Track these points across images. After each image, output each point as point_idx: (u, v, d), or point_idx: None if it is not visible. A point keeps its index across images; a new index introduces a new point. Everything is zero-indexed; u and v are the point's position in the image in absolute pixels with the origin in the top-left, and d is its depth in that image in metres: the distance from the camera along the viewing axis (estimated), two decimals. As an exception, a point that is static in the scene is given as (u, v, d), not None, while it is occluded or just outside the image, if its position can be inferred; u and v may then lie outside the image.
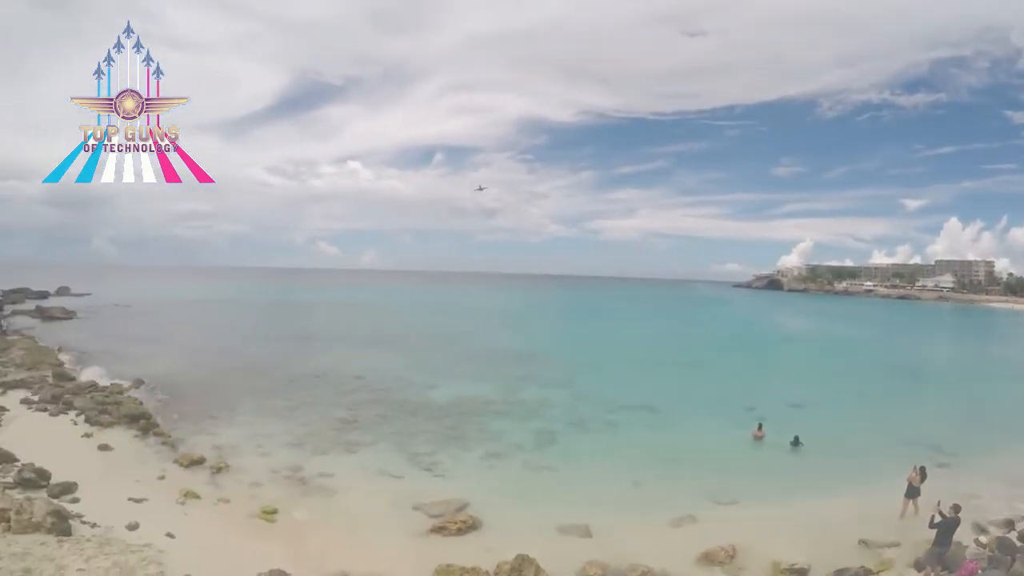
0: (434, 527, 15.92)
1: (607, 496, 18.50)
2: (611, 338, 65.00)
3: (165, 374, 34.88)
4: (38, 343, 44.28)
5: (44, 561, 12.05)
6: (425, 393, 32.77)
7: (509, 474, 20.80)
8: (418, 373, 38.32)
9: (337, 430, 25.31)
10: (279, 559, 13.35)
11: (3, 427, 22.67)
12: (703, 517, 17.08)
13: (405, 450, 22.76)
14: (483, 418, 27.80)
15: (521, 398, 32.37)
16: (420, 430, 25.55)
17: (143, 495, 17.03)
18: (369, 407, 29.27)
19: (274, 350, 48.10)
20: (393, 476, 20.07)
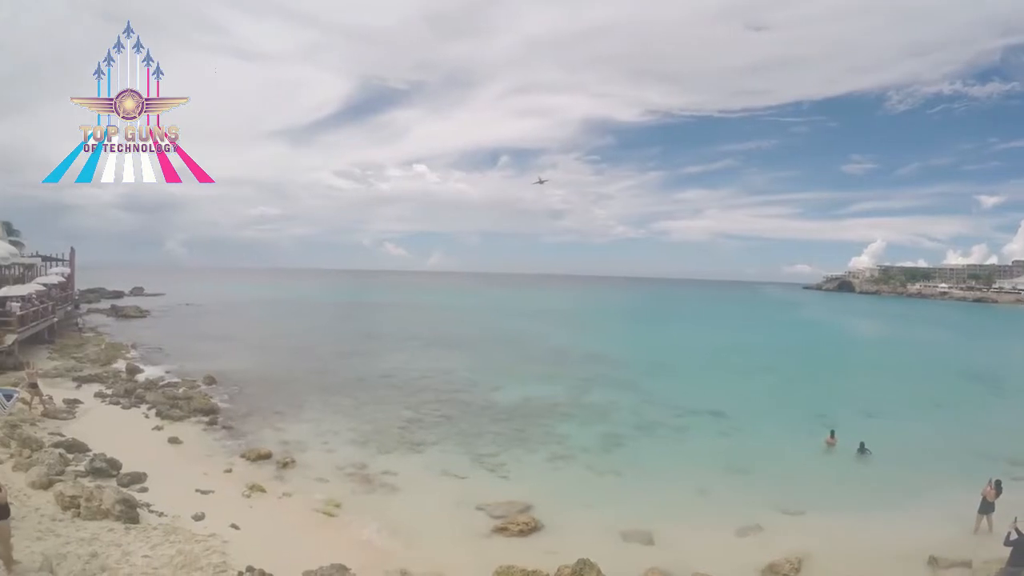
0: (496, 528, 15.90)
1: (671, 502, 18.16)
2: (678, 341, 63.92)
3: (235, 371, 35.91)
4: (113, 340, 46.37)
5: (111, 547, 12.51)
6: (490, 394, 32.85)
7: (573, 477, 20.62)
8: (484, 374, 38.47)
9: (402, 429, 25.54)
10: (341, 554, 13.48)
11: (77, 419, 23.78)
12: (769, 527, 16.59)
13: (469, 451, 22.81)
14: (548, 420, 27.64)
15: (587, 401, 32.12)
16: (485, 431, 25.59)
17: (210, 487, 17.57)
18: (434, 407, 29.47)
19: (341, 349, 48.93)
20: (457, 476, 20.13)
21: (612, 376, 39.31)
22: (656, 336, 69.68)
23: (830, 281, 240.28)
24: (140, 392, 28.56)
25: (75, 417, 23.99)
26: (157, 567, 11.91)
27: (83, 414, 24.56)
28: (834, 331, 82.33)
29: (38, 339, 38.49)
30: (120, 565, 11.76)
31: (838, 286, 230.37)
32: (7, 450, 17.92)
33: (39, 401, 23.47)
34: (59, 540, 12.51)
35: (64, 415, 23.80)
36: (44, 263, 59.29)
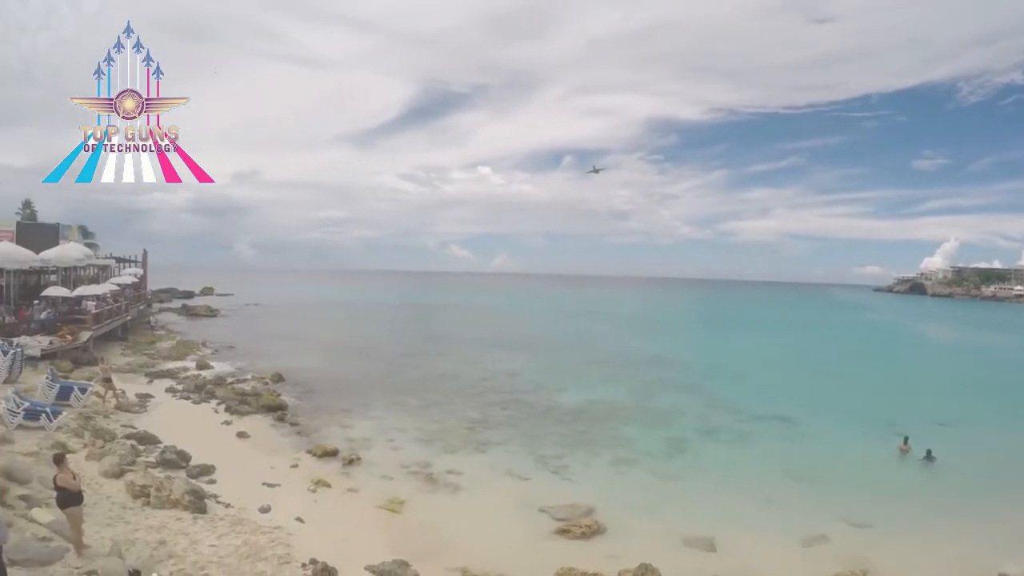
0: (559, 529, 15.87)
1: (735, 509, 17.82)
2: (745, 344, 62.58)
3: (302, 369, 36.77)
4: (184, 338, 48.01)
5: (178, 535, 12.90)
6: (555, 396, 32.83)
7: (636, 481, 20.44)
8: (548, 376, 38.50)
9: (467, 429, 25.75)
10: (403, 550, 13.68)
11: (149, 412, 24.65)
12: (835, 538, 16.10)
13: (534, 452, 22.83)
14: (613, 423, 27.47)
15: (652, 404, 31.84)
16: (549, 433, 25.59)
17: (276, 481, 18.03)
18: (499, 408, 29.61)
19: (407, 350, 49.71)
20: (520, 477, 20.18)
21: (677, 379, 38.97)
22: (722, 339, 68.51)
23: (901, 283, 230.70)
24: (210, 388, 29.57)
25: (147, 411, 24.90)
26: (223, 556, 12.24)
27: (154, 408, 25.50)
28: (905, 336, 79.39)
29: (112, 336, 40.15)
30: (187, 553, 12.12)
31: (909, 288, 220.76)
32: (81, 440, 18.72)
33: (112, 395, 24.43)
34: (128, 527, 12.97)
35: (136, 408, 24.74)
36: (118, 264, 62.03)
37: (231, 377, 33.15)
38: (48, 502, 12.32)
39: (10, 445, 16.54)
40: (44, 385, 22.45)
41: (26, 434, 18.00)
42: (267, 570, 12.01)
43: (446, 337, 61.07)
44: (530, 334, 65.92)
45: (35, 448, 16.62)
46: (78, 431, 19.47)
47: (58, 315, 35.10)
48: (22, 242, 41.83)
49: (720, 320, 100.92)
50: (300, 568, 12.27)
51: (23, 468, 14.10)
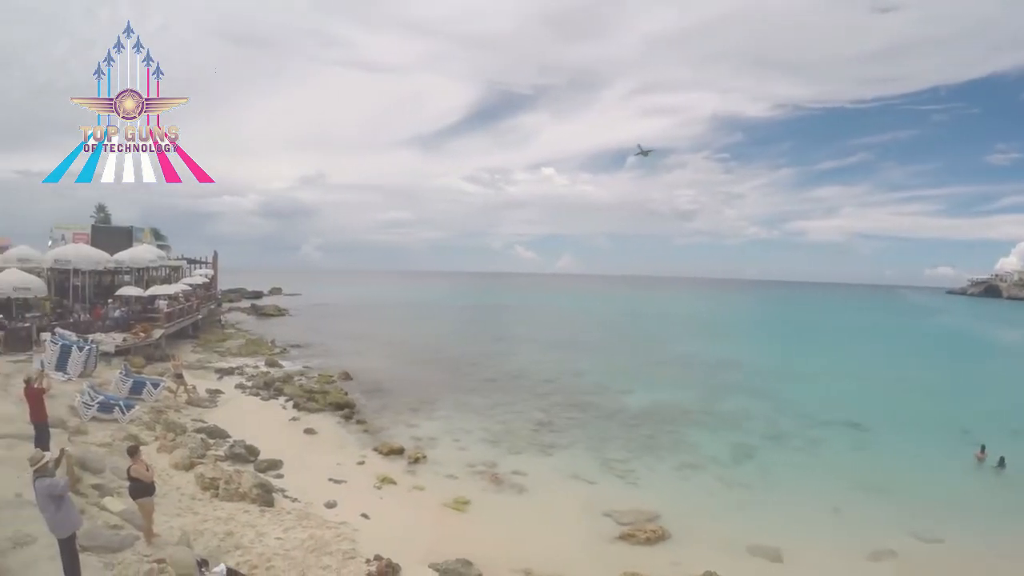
0: (623, 534, 15.70)
1: (802, 519, 17.40)
2: (813, 348, 60.73)
3: (370, 368, 37.46)
4: (253, 336, 49.43)
5: (246, 527, 13.20)
6: (621, 398, 32.59)
7: (702, 487, 20.10)
8: (614, 378, 38.24)
9: (533, 430, 25.75)
10: (467, 549, 13.72)
11: (218, 408, 25.46)
12: (903, 552, 15.54)
13: (599, 455, 22.66)
14: (678, 427, 27.11)
15: (718, 408, 31.29)
16: (615, 436, 25.39)
17: (343, 477, 18.39)
18: (565, 410, 29.52)
19: (473, 350, 50.03)
20: (585, 481, 20.04)
21: (743, 383, 38.23)
22: (789, 343, 66.55)
23: (975, 285, 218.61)
24: (278, 385, 30.27)
25: (216, 406, 25.72)
26: (288, 549, 12.45)
27: (224, 403, 26.32)
28: (979, 341, 75.62)
29: (183, 334, 41.60)
30: (253, 545, 12.38)
31: (984, 291, 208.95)
32: (152, 433, 19.43)
33: (183, 390, 25.28)
34: (197, 517, 13.35)
35: (206, 404, 25.60)
36: (189, 265, 64.24)
37: (299, 375, 33.86)
38: (120, 491, 12.76)
39: (84, 436, 17.29)
40: (118, 380, 23.43)
41: (100, 426, 18.82)
42: (332, 564, 12.16)
43: (511, 337, 61.36)
44: (595, 335, 65.68)
45: (108, 440, 17.35)
46: (150, 424, 20.25)
47: (132, 313, 36.58)
48: (97, 244, 43.83)
49: (787, 323, 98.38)
50: (364, 564, 12.40)
51: (97, 458, 14.69)
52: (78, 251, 39.19)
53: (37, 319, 31.20)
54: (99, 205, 71.65)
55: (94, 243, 45.09)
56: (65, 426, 17.12)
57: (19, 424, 15.67)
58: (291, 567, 11.69)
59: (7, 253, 37.53)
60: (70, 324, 30.82)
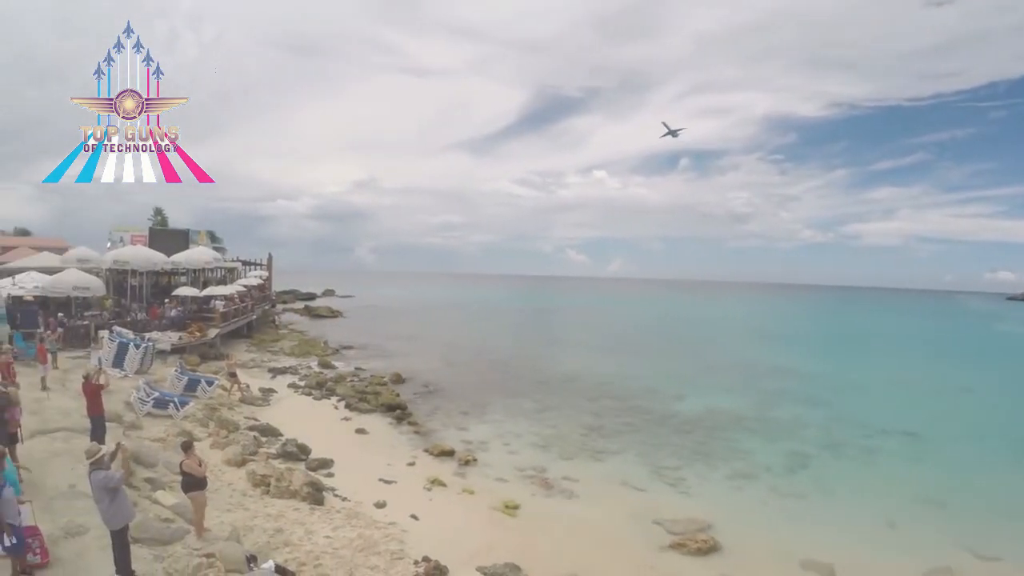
0: (673, 543, 15.39)
1: (856, 533, 16.83)
2: (869, 356, 59.18)
3: (421, 370, 37.65)
4: (306, 337, 50.30)
5: (295, 524, 13.33)
6: (673, 404, 32.13)
7: (755, 497, 19.63)
8: (666, 383, 37.73)
9: (583, 435, 25.56)
10: (514, 553, 13.67)
11: (271, 406, 25.91)
12: (960, 569, 14.91)
13: (650, 462, 22.34)
14: (731, 434, 26.63)
15: (773, 416, 30.60)
16: (666, 442, 25.04)
17: (393, 477, 18.46)
18: (616, 415, 29.23)
19: (524, 353, 50.01)
20: (636, 488, 19.73)
21: (798, 390, 37.37)
22: (844, 350, 64.76)
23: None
24: (330, 385, 30.72)
25: (269, 404, 26.19)
26: (337, 548, 12.52)
27: (276, 402, 26.78)
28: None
29: (238, 334, 42.47)
30: (302, 542, 12.48)
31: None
32: (206, 430, 19.86)
33: (237, 388, 25.80)
34: (247, 513, 13.55)
35: (259, 402, 26.05)
36: (244, 267, 65.71)
37: (351, 376, 34.25)
38: (172, 485, 13.02)
39: (139, 431, 17.74)
40: (173, 377, 24.05)
41: (154, 421, 19.31)
42: (380, 564, 12.18)
43: (562, 341, 61.15)
44: (647, 339, 65.13)
45: (162, 435, 17.77)
46: (203, 421, 20.70)
47: (187, 313, 37.50)
48: (154, 246, 45.15)
49: (842, 330, 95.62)
50: (412, 565, 12.41)
51: (150, 453, 15.04)
52: (136, 252, 40.46)
53: (95, 317, 32.28)
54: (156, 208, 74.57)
55: (151, 245, 46.46)
56: (121, 420, 17.61)
57: (75, 418, 16.15)
58: (339, 566, 11.74)
59: (67, 254, 39.04)
60: (127, 323, 31.82)
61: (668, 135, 79.86)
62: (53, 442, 14.37)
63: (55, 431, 15.22)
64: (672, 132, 79.26)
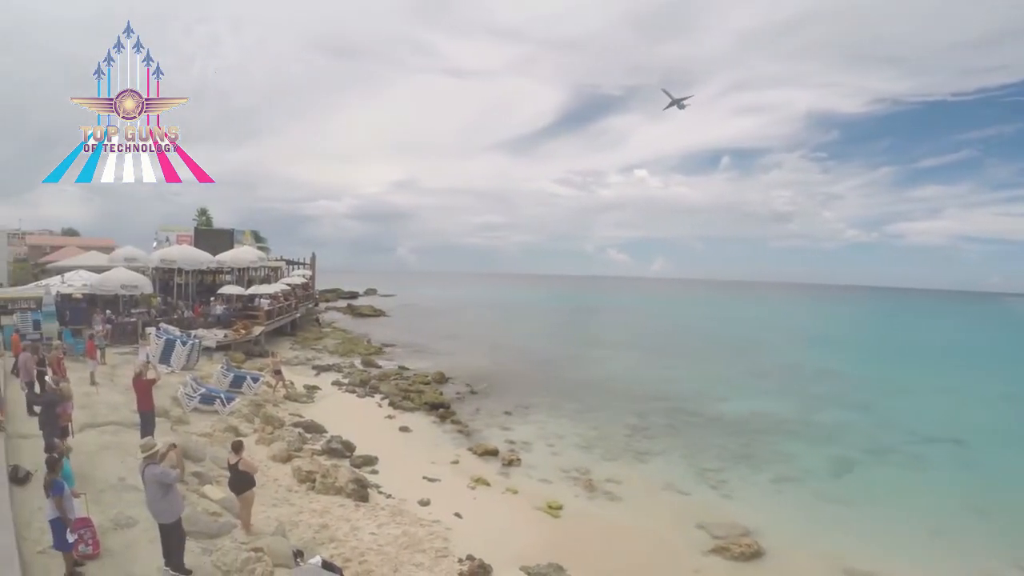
0: (716, 547, 15.25)
1: (900, 541, 16.53)
2: (916, 360, 57.31)
3: (464, 369, 37.84)
4: (349, 335, 50.90)
5: (340, 520, 13.46)
6: (716, 406, 31.83)
7: (799, 502, 19.40)
8: (709, 385, 37.49)
9: (627, 436, 25.44)
10: (558, 554, 13.63)
11: (315, 403, 26.25)
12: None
13: (694, 464, 22.18)
14: (776, 438, 26.31)
15: (817, 419, 30.19)
16: (710, 444, 24.83)
17: (437, 476, 18.56)
18: (659, 416, 29.05)
19: (566, 353, 49.91)
20: (679, 490, 19.61)
21: (843, 394, 36.78)
22: (890, 353, 63.04)
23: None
24: (374, 383, 31.00)
25: (313, 401, 26.55)
26: (382, 544, 12.61)
27: (321, 399, 27.13)
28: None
29: (282, 331, 43.12)
30: (347, 538, 12.60)
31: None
32: (251, 426, 20.19)
33: (282, 385, 26.18)
34: (293, 509, 13.72)
35: (304, 399, 26.42)
36: (288, 266, 66.67)
37: (395, 374, 34.48)
38: (218, 480, 13.22)
39: (186, 426, 18.08)
40: (219, 373, 24.50)
41: (201, 417, 19.69)
42: (424, 562, 12.25)
43: (605, 342, 60.84)
44: (689, 340, 64.53)
45: (208, 430, 18.10)
46: (249, 417, 21.06)
47: (233, 311, 38.12)
48: (199, 245, 46.12)
49: (887, 332, 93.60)
50: (456, 563, 12.47)
51: (198, 447, 15.31)
52: (183, 252, 41.32)
53: (142, 315, 33.00)
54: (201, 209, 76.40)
55: (197, 244, 47.44)
56: (168, 416, 17.96)
57: (124, 412, 16.53)
58: (384, 562, 11.82)
59: (115, 253, 40.07)
60: (174, 320, 32.45)
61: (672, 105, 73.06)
62: (102, 435, 14.71)
63: (104, 425, 15.60)
64: (677, 102, 72.78)
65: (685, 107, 73.05)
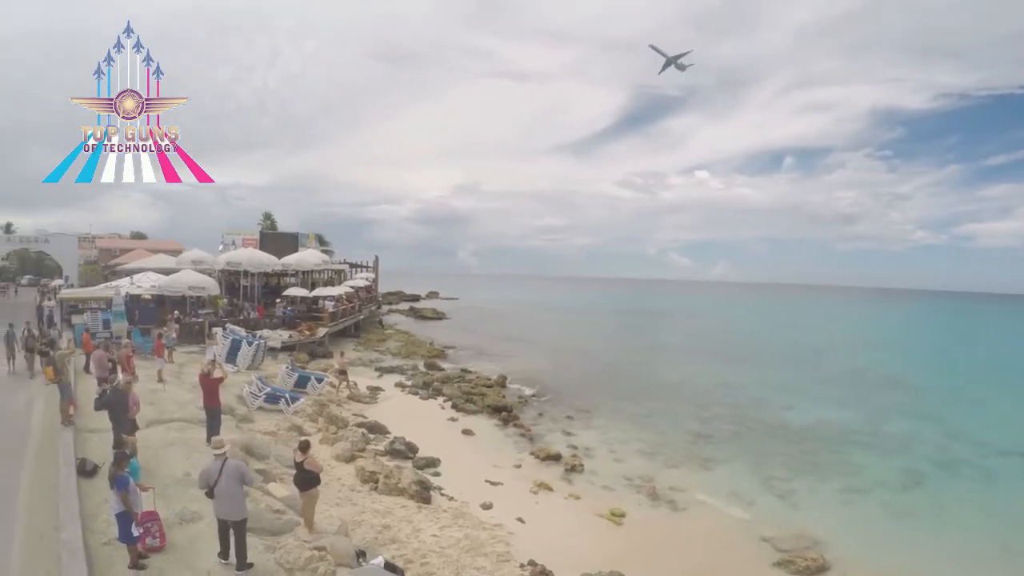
0: (781, 560, 14.90)
1: (971, 556, 15.98)
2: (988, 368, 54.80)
3: (526, 372, 37.81)
4: (411, 337, 51.30)
5: (403, 521, 13.48)
6: (781, 414, 31.18)
7: (867, 514, 18.80)
8: (774, 391, 36.72)
9: (690, 443, 25.10)
10: (620, 562, 13.44)
11: (378, 404, 26.55)
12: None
13: (758, 473, 21.73)
14: (843, 447, 25.65)
15: (886, 429, 29.31)
16: (775, 452, 24.32)
17: (499, 479, 18.53)
18: (723, 423, 28.62)
19: (628, 357, 49.64)
20: (744, 500, 19.19)
21: (913, 404, 35.57)
22: (961, 361, 60.43)
23: None
24: (437, 385, 31.14)
25: (376, 402, 26.85)
26: (444, 547, 12.60)
27: (384, 400, 27.44)
28: None
29: (345, 333, 43.62)
30: (409, 540, 12.62)
31: None
32: (315, 425, 20.47)
33: (345, 386, 26.50)
34: (355, 508, 13.83)
35: (367, 400, 26.74)
36: (351, 269, 67.67)
37: (457, 377, 34.59)
38: (282, 477, 13.34)
39: (251, 424, 18.39)
40: (284, 373, 24.94)
41: (265, 416, 20.05)
42: (486, 566, 12.20)
43: (667, 346, 60.32)
44: (753, 346, 63.20)
45: (273, 428, 18.37)
46: (312, 416, 21.37)
47: (297, 312, 38.82)
48: (265, 248, 47.24)
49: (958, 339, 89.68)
50: (519, 568, 12.40)
51: (262, 445, 15.54)
52: (249, 255, 42.28)
53: (209, 315, 33.88)
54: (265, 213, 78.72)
55: (262, 247, 48.59)
56: (233, 413, 18.32)
57: (190, 409, 16.89)
58: (446, 564, 11.80)
59: (182, 256, 41.39)
60: (240, 321, 33.18)
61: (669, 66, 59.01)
62: (169, 431, 15.04)
63: (170, 421, 15.96)
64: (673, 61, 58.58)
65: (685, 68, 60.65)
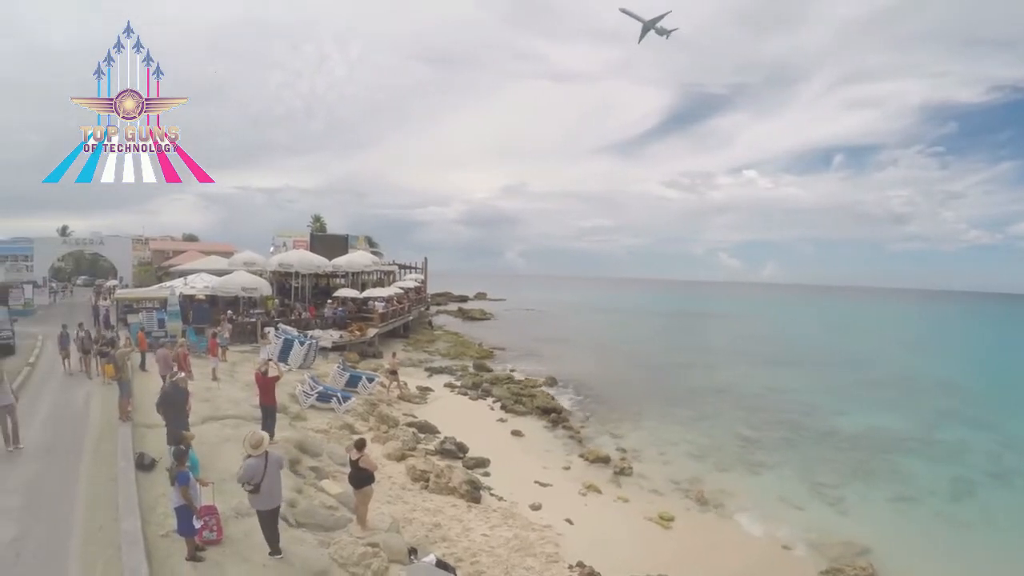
0: (829, 569, 14.70)
1: None
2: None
3: (575, 374, 37.86)
4: (460, 338, 51.73)
5: (452, 520, 13.65)
6: (832, 419, 30.67)
7: (918, 523, 18.48)
8: (824, 396, 36.13)
9: (740, 447, 24.92)
10: (668, 566, 13.49)
11: (428, 404, 26.90)
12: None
13: (808, 479, 21.46)
14: (894, 455, 25.11)
15: (938, 437, 28.64)
16: (825, 459, 24.00)
17: (548, 480, 18.61)
18: (772, 428, 28.28)
19: (677, 360, 49.22)
20: (793, 506, 18.99)
21: (966, 411, 34.58)
22: (1017, 367, 58.24)
23: None
24: (486, 386, 31.39)
25: (426, 402, 27.19)
26: (494, 547, 12.75)
27: (433, 400, 27.78)
28: None
29: (395, 333, 44.30)
30: (459, 538, 12.80)
31: None
32: (366, 424, 20.83)
33: (396, 386, 26.87)
34: (407, 507, 14.04)
35: (417, 400, 27.10)
36: (401, 270, 68.40)
37: (506, 378, 34.74)
38: (335, 475, 13.63)
39: (304, 422, 18.76)
40: (336, 373, 25.41)
41: (317, 414, 20.43)
42: (535, 566, 12.31)
43: (715, 349, 59.77)
44: (802, 349, 62.17)
45: (325, 426, 18.73)
46: (364, 415, 21.75)
47: (348, 313, 39.41)
48: (315, 250, 47.94)
49: (1013, 344, 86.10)
50: (567, 569, 12.49)
51: (315, 443, 15.86)
52: (300, 257, 43.01)
53: (261, 315, 34.60)
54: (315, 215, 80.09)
55: (312, 249, 49.31)
56: (286, 412, 18.69)
57: (244, 407, 17.30)
58: (495, 564, 11.94)
59: (234, 257, 42.34)
60: (291, 321, 33.82)
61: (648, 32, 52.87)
62: (223, 428, 15.40)
63: (225, 418, 16.33)
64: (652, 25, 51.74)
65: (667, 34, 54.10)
